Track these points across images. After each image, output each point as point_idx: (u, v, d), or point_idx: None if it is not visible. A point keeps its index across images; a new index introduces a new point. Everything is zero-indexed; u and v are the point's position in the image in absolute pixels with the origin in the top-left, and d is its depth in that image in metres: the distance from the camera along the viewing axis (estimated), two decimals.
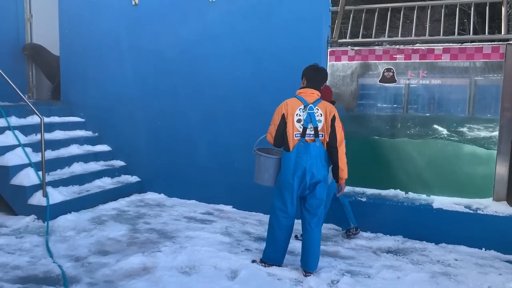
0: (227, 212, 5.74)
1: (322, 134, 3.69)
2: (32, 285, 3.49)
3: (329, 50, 5.47)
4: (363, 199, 5.12)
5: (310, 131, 3.68)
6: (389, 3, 5.38)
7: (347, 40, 5.48)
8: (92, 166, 6.24)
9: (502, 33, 4.94)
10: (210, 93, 5.95)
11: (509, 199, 4.83)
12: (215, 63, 5.88)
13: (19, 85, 5.77)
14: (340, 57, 5.46)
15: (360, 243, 4.68)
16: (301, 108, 3.69)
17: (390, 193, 5.29)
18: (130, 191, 6.29)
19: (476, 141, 5.15)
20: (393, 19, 5.63)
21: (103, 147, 6.69)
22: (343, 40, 5.46)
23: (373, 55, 5.33)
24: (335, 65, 5.51)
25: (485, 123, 5.14)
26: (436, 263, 4.22)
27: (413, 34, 5.33)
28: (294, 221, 3.88)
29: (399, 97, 5.53)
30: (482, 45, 4.90)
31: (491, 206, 4.77)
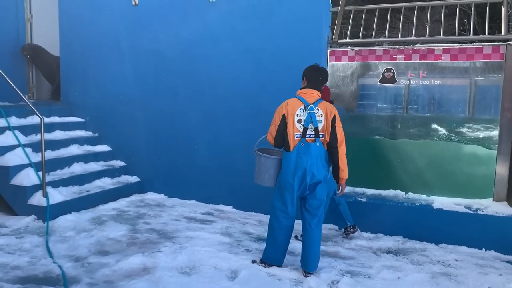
0: (227, 213, 5.74)
1: (322, 134, 3.69)
2: (32, 285, 3.48)
3: (329, 50, 5.47)
4: (363, 200, 5.13)
5: (311, 132, 3.68)
6: (389, 4, 5.38)
7: (347, 40, 5.48)
8: (92, 166, 6.24)
9: (502, 33, 4.94)
10: (210, 93, 5.95)
11: (509, 199, 4.83)
12: (215, 63, 5.88)
13: (19, 85, 5.78)
14: (340, 57, 5.46)
15: (360, 243, 4.68)
16: (302, 108, 3.69)
17: (390, 193, 5.29)
18: (130, 191, 6.29)
19: (476, 141, 5.15)
20: (393, 19, 5.63)
21: (103, 147, 6.68)
22: (343, 41, 5.46)
23: (373, 55, 5.33)
24: (335, 65, 5.51)
25: (485, 124, 5.14)
26: (436, 263, 4.22)
27: (413, 34, 5.32)
28: (294, 222, 3.88)
29: (399, 98, 5.54)
30: (482, 45, 4.90)
31: (491, 207, 4.77)
